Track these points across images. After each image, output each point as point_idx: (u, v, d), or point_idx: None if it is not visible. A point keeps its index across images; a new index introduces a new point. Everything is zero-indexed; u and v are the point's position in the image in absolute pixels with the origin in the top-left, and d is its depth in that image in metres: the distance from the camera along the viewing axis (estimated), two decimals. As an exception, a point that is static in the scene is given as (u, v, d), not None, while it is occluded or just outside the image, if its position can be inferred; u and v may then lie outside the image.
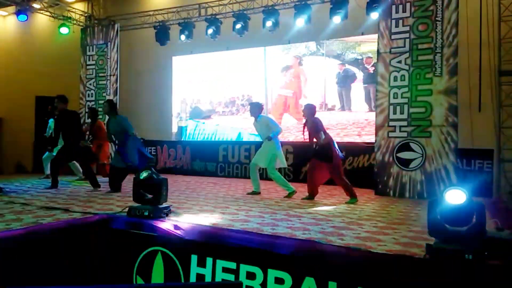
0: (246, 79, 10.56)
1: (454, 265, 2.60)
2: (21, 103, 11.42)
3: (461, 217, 2.72)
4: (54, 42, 11.24)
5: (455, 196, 2.71)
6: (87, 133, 8.41)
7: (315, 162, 5.88)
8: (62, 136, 6.79)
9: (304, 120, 6.06)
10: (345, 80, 9.32)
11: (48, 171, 8.17)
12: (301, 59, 9.78)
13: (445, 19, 6.29)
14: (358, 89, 9.13)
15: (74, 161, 7.90)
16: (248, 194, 6.34)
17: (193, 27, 9.83)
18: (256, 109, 6.44)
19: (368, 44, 9.03)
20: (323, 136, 5.73)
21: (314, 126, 5.81)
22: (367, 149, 7.74)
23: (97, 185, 6.55)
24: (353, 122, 9.13)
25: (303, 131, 6.00)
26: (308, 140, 5.96)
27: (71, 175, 8.41)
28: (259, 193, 6.37)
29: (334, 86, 9.46)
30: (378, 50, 6.89)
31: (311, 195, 5.92)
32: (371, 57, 8.96)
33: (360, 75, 9.11)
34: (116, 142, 6.43)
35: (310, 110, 6.00)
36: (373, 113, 8.39)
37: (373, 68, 8.90)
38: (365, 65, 9.18)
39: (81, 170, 7.97)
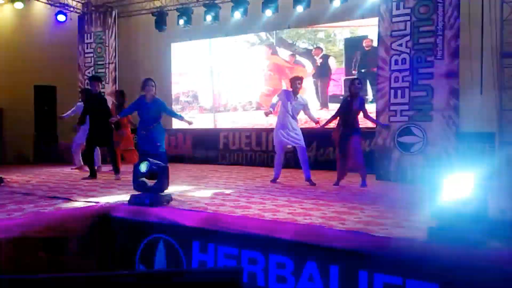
0: (191, 74, 10.11)
1: (456, 248, 2.60)
2: (20, 92, 11.35)
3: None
4: (52, 30, 11.12)
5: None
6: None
7: (348, 146, 5.66)
8: (92, 118, 6.58)
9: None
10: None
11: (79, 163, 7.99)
12: (274, 49, 9.24)
13: (447, 1, 6.20)
14: (308, 84, 8.49)
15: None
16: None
17: (191, 12, 9.71)
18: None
19: (321, 33, 8.60)
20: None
21: (363, 102, 5.75)
22: (368, 134, 7.69)
23: (93, 173, 6.55)
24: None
25: (350, 109, 5.71)
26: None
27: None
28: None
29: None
30: (378, 34, 6.81)
31: (339, 179, 5.85)
32: (320, 48, 8.72)
33: (310, 67, 8.77)
34: (149, 125, 6.02)
35: (361, 86, 5.90)
36: (325, 111, 8.18)
37: (321, 60, 8.72)
38: (314, 57, 8.76)
39: (81, 160, 7.93)
